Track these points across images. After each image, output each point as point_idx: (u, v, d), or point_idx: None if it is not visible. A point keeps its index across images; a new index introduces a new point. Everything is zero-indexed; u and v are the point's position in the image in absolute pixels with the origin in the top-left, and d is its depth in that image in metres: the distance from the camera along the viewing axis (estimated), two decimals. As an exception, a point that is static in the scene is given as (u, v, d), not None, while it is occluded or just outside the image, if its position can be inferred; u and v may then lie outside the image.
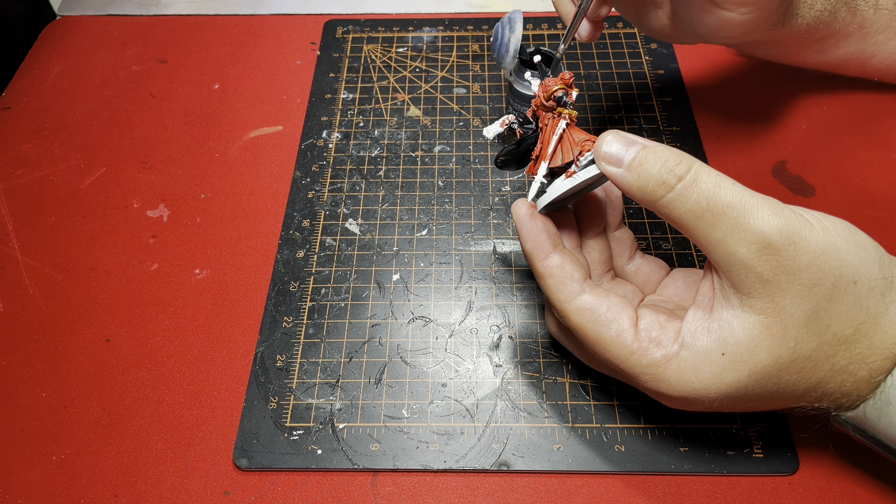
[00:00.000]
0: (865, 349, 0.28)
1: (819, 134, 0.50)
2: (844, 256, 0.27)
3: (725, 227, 0.27)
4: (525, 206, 0.33)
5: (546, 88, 0.33)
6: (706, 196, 0.27)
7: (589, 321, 0.31)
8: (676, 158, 0.28)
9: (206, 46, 0.59)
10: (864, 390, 0.29)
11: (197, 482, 0.36)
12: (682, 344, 0.29)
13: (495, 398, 0.38)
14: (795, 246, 0.27)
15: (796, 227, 0.27)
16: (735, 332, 0.28)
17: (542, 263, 0.32)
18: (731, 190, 0.27)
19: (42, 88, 0.56)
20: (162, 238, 0.46)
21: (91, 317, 0.43)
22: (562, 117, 0.33)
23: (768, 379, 0.29)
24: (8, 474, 0.37)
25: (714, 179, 0.27)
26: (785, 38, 0.43)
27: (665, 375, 0.30)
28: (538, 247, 0.32)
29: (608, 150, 0.29)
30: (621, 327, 0.30)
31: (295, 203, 0.47)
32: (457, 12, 0.61)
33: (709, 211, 0.27)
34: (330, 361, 0.40)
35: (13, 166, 0.51)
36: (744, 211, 0.27)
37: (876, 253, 0.28)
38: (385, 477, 0.36)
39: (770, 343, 0.28)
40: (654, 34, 0.42)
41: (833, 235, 0.28)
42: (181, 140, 0.52)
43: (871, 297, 0.28)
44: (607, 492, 0.35)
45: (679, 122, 0.51)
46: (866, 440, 0.31)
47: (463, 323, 0.41)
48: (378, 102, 0.54)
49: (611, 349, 0.31)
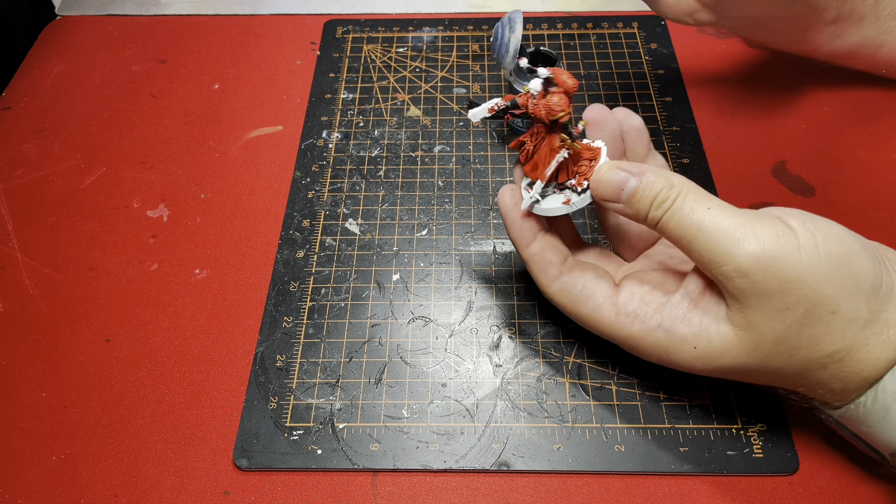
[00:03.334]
0: (838, 371, 0.29)
1: (819, 134, 0.50)
2: (824, 286, 0.27)
3: (701, 250, 0.29)
4: (510, 194, 0.34)
5: (550, 112, 0.31)
6: (682, 223, 0.29)
7: (568, 300, 0.34)
8: (664, 194, 0.29)
9: (206, 46, 0.59)
10: (840, 401, 0.30)
11: (197, 482, 0.36)
12: (660, 325, 0.31)
13: (495, 398, 0.38)
14: (765, 271, 0.27)
15: (772, 253, 0.27)
16: (710, 333, 0.30)
17: (526, 251, 0.34)
18: (705, 215, 0.28)
19: (42, 88, 0.56)
20: (162, 238, 0.46)
21: (91, 317, 0.43)
22: (563, 145, 0.32)
23: (736, 374, 0.31)
24: (8, 474, 0.37)
25: (691, 206, 0.29)
26: (801, 16, 0.43)
27: (640, 346, 0.33)
28: (521, 235, 0.34)
29: (605, 191, 0.31)
30: (597, 303, 0.33)
31: (295, 203, 0.47)
32: (457, 12, 0.61)
33: (683, 236, 0.29)
34: (330, 361, 0.40)
35: (13, 166, 0.51)
36: (717, 234, 0.28)
37: (871, 283, 0.28)
38: (385, 477, 0.36)
39: (739, 353, 0.29)
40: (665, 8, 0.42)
41: (819, 262, 0.27)
42: (181, 140, 0.52)
43: (850, 328, 0.28)
44: (607, 492, 0.35)
45: (679, 122, 0.51)
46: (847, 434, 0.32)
47: (463, 323, 0.41)
48: (378, 102, 0.54)
49: (591, 323, 0.34)
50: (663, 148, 0.49)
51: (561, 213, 0.33)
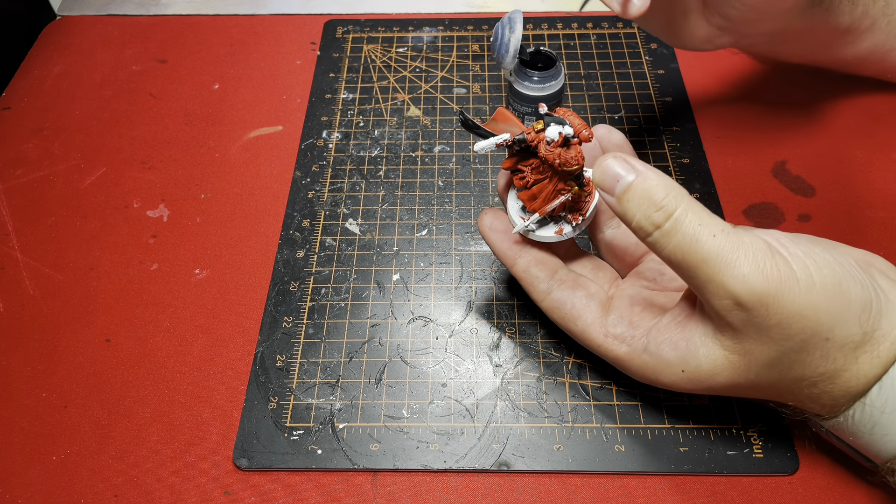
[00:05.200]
0: (828, 388, 0.29)
1: (819, 134, 0.50)
2: (821, 316, 0.27)
3: (700, 279, 0.27)
4: (489, 219, 0.35)
5: (565, 164, 0.31)
6: (681, 248, 0.27)
7: (559, 317, 0.34)
8: (655, 206, 0.28)
9: (206, 46, 0.59)
10: (830, 413, 0.30)
11: (197, 482, 0.36)
12: (646, 349, 0.31)
13: (495, 398, 0.38)
14: (767, 308, 0.27)
15: (775, 286, 0.26)
16: (698, 357, 0.30)
17: (513, 269, 0.35)
18: (709, 244, 0.27)
19: (42, 88, 0.56)
20: (162, 238, 0.46)
21: (91, 317, 0.43)
22: (570, 189, 0.32)
23: (725, 391, 0.31)
24: (8, 474, 0.37)
25: (693, 231, 0.27)
26: (815, 27, 0.42)
27: (628, 368, 0.33)
28: (504, 256, 0.35)
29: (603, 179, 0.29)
30: (585, 323, 0.33)
31: (295, 203, 0.47)
32: (457, 12, 0.61)
33: (684, 262, 0.27)
34: (330, 361, 0.40)
35: (13, 166, 0.51)
36: (719, 268, 0.27)
37: (862, 306, 0.28)
38: (385, 477, 0.36)
39: (730, 373, 0.29)
40: (683, 41, 0.41)
41: (816, 293, 0.27)
42: (181, 140, 0.52)
43: (842, 351, 0.28)
44: (607, 492, 0.35)
45: (679, 122, 0.51)
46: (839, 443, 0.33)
47: (463, 323, 0.41)
48: (378, 102, 0.54)
49: (581, 340, 0.34)
50: (663, 148, 0.49)
51: (551, 241, 0.34)
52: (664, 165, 0.48)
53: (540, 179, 0.33)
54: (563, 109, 0.32)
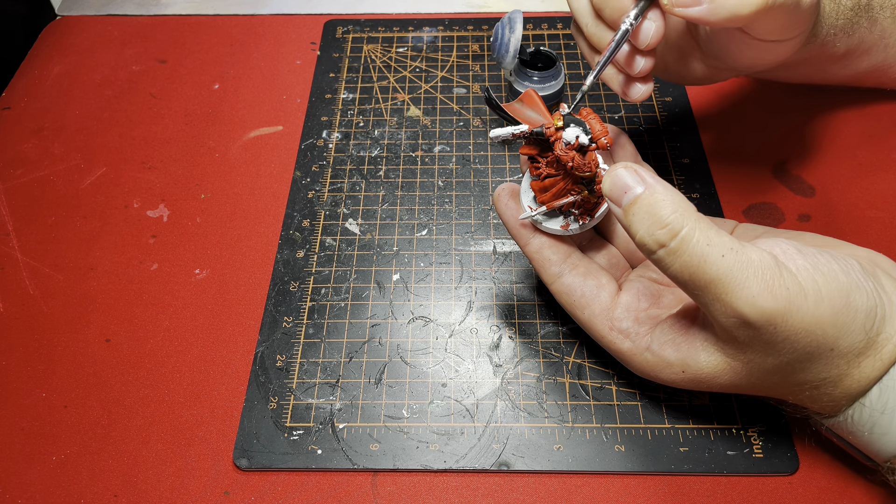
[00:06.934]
0: (829, 390, 0.29)
1: (819, 134, 0.50)
2: (828, 330, 0.27)
3: (707, 298, 0.27)
4: (506, 194, 0.35)
5: (580, 168, 0.31)
6: (689, 268, 0.27)
7: (567, 303, 0.34)
8: (660, 223, 0.27)
9: (206, 46, 0.59)
10: (830, 413, 0.31)
11: (197, 482, 0.36)
12: (649, 347, 0.32)
13: (495, 398, 0.38)
14: (776, 326, 0.26)
15: (784, 305, 0.26)
16: (699, 361, 0.30)
17: (525, 249, 0.35)
18: (717, 264, 0.26)
19: (42, 88, 0.56)
20: (162, 238, 0.46)
21: (91, 317, 0.43)
22: (580, 191, 0.32)
23: (723, 389, 0.31)
24: (8, 474, 0.37)
25: (701, 252, 0.26)
26: (812, 57, 0.42)
27: (630, 362, 0.33)
28: (518, 235, 0.35)
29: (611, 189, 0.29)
30: (592, 313, 0.33)
31: (295, 203, 0.47)
32: (457, 12, 0.61)
33: (691, 282, 0.27)
34: (330, 361, 0.40)
35: (13, 166, 0.51)
36: (728, 289, 0.26)
37: (867, 314, 0.28)
38: (385, 477, 0.36)
39: (731, 377, 0.30)
40: (684, 81, 0.41)
41: (823, 308, 0.27)
42: (181, 140, 0.52)
43: (845, 359, 0.28)
44: (607, 492, 0.35)
45: (679, 122, 0.51)
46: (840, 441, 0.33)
47: (463, 323, 0.41)
48: (378, 102, 0.54)
49: (586, 328, 0.34)
50: (663, 148, 0.49)
51: (556, 234, 0.34)
52: (664, 165, 0.48)
53: (553, 174, 0.33)
54: (587, 110, 0.31)
